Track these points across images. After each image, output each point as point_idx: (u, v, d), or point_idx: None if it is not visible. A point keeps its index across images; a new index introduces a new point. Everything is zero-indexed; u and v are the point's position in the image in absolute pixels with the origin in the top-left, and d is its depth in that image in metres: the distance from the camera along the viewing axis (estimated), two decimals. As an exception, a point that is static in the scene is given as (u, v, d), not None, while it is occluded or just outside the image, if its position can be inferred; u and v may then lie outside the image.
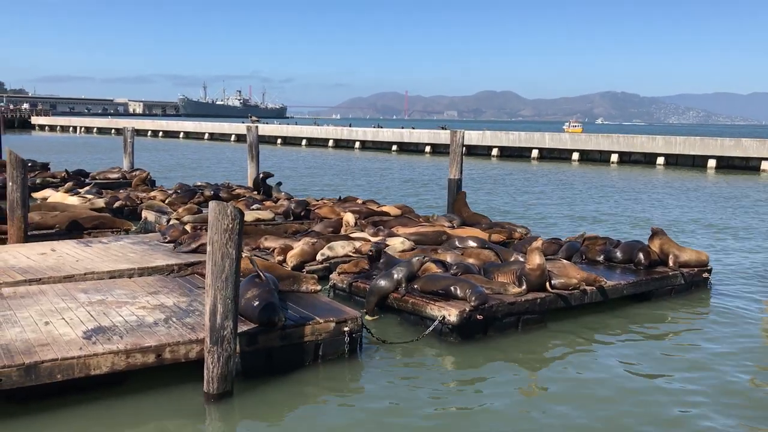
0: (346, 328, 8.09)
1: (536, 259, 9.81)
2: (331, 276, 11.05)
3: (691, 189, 30.79)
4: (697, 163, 43.50)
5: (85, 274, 10.06)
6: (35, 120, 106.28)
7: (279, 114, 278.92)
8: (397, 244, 12.38)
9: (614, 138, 48.04)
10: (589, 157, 48.39)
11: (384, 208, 17.20)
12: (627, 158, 46.69)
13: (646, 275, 11.30)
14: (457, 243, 12.72)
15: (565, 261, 11.25)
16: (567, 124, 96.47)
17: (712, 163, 42.62)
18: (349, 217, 14.53)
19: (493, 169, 40.57)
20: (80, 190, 19.33)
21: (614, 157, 46.71)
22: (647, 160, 45.63)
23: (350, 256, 11.94)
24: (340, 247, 12.10)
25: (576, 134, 53.84)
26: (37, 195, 18.96)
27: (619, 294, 10.76)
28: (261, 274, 8.43)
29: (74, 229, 13.93)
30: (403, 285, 9.62)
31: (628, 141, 46.92)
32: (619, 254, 11.91)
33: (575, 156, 48.60)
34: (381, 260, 10.63)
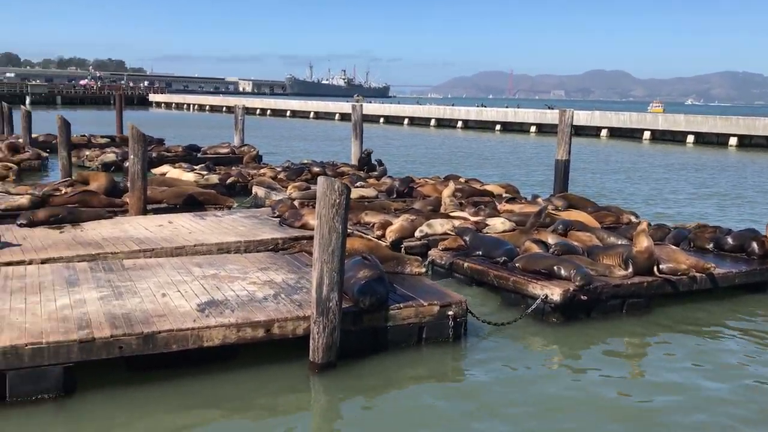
0: (450, 312, 8.05)
1: (644, 242, 9.54)
2: (430, 252, 11.16)
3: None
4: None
5: (195, 245, 10.62)
6: (152, 97, 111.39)
7: (382, 93, 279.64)
8: (497, 224, 12.32)
9: (733, 120, 45.55)
10: (705, 139, 46.10)
11: (488, 187, 17.12)
12: (747, 141, 44.21)
13: (760, 265, 10.76)
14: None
15: (673, 246, 10.88)
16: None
17: None
18: (446, 191, 14.50)
19: (602, 150, 39.41)
20: (195, 167, 20.21)
21: (733, 140, 44.31)
22: (771, 143, 43.02)
23: (449, 234, 11.98)
24: (439, 225, 12.16)
25: (692, 116, 51.35)
26: (155, 170, 19.89)
27: (730, 283, 10.30)
28: (367, 256, 8.58)
29: (181, 204, 14.69)
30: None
31: (749, 124, 44.36)
32: (730, 242, 11.37)
33: (690, 138, 46.47)
34: (468, 240, 10.75)
